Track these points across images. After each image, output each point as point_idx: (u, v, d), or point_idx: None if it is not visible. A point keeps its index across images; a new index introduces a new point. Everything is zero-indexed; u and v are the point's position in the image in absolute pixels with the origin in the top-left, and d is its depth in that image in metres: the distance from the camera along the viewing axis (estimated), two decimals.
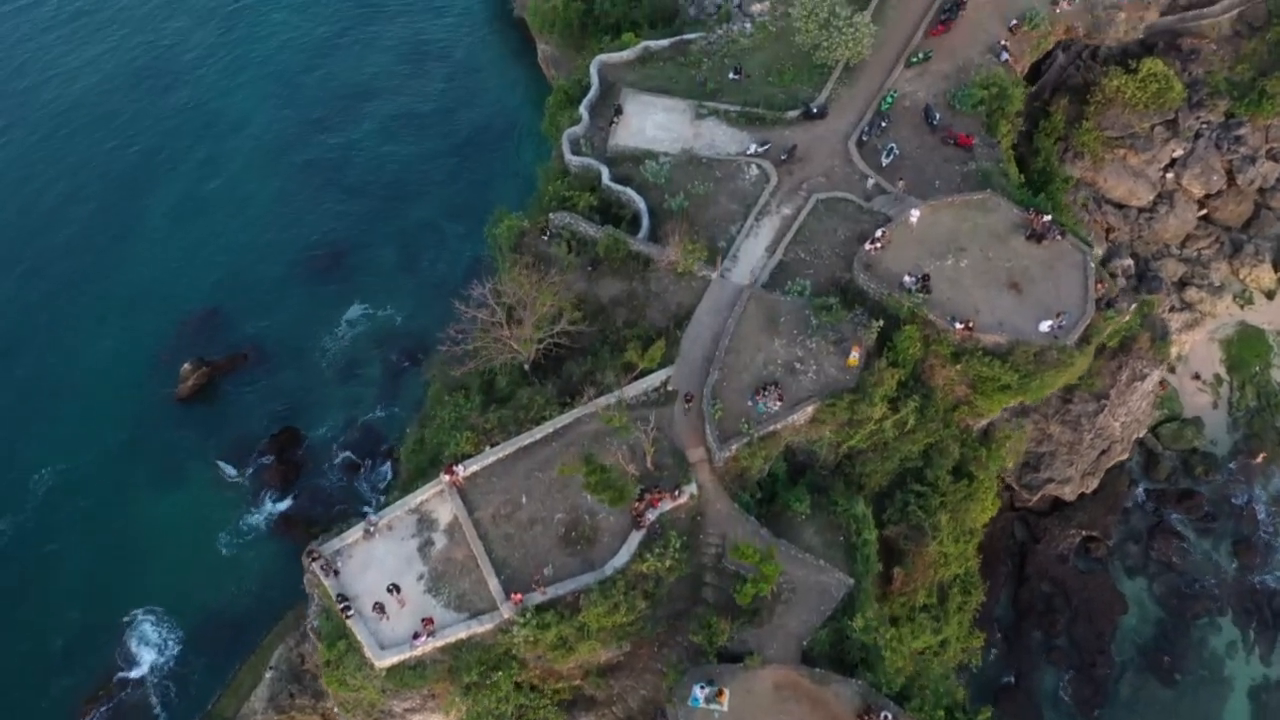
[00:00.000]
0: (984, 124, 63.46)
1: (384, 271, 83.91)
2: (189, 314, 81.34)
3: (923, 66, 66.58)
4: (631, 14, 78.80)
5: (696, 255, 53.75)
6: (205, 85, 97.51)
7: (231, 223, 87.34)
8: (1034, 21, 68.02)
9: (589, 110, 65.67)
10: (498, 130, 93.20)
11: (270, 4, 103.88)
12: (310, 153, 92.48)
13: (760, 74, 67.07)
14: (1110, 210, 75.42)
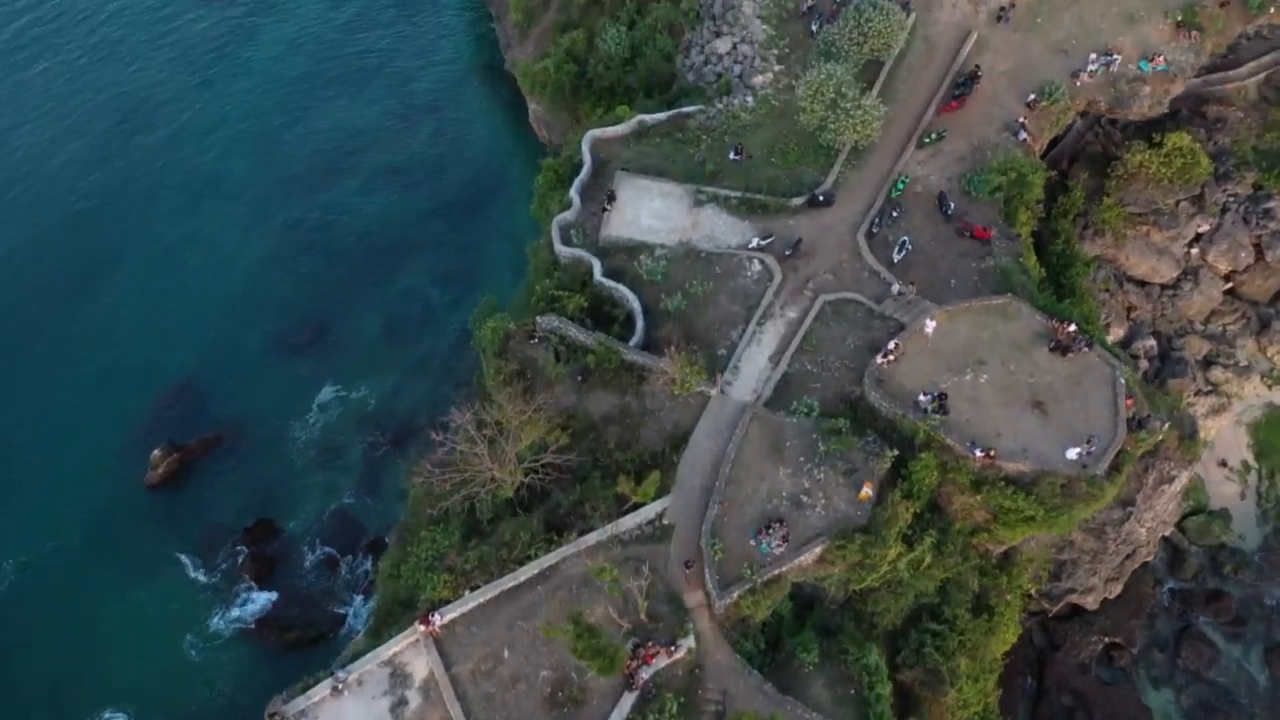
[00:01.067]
0: (1001, 212, 59.48)
1: (367, 345, 79.83)
2: (161, 391, 77.26)
3: (936, 147, 62.61)
4: (626, 79, 74.77)
5: (694, 378, 49.64)
6: (182, 139, 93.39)
7: (208, 290, 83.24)
8: (1053, 96, 64.03)
9: (580, 194, 61.66)
10: (487, 188, 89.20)
11: (251, 51, 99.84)
12: (292, 212, 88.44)
13: (762, 154, 63.06)
14: (1132, 288, 71.46)
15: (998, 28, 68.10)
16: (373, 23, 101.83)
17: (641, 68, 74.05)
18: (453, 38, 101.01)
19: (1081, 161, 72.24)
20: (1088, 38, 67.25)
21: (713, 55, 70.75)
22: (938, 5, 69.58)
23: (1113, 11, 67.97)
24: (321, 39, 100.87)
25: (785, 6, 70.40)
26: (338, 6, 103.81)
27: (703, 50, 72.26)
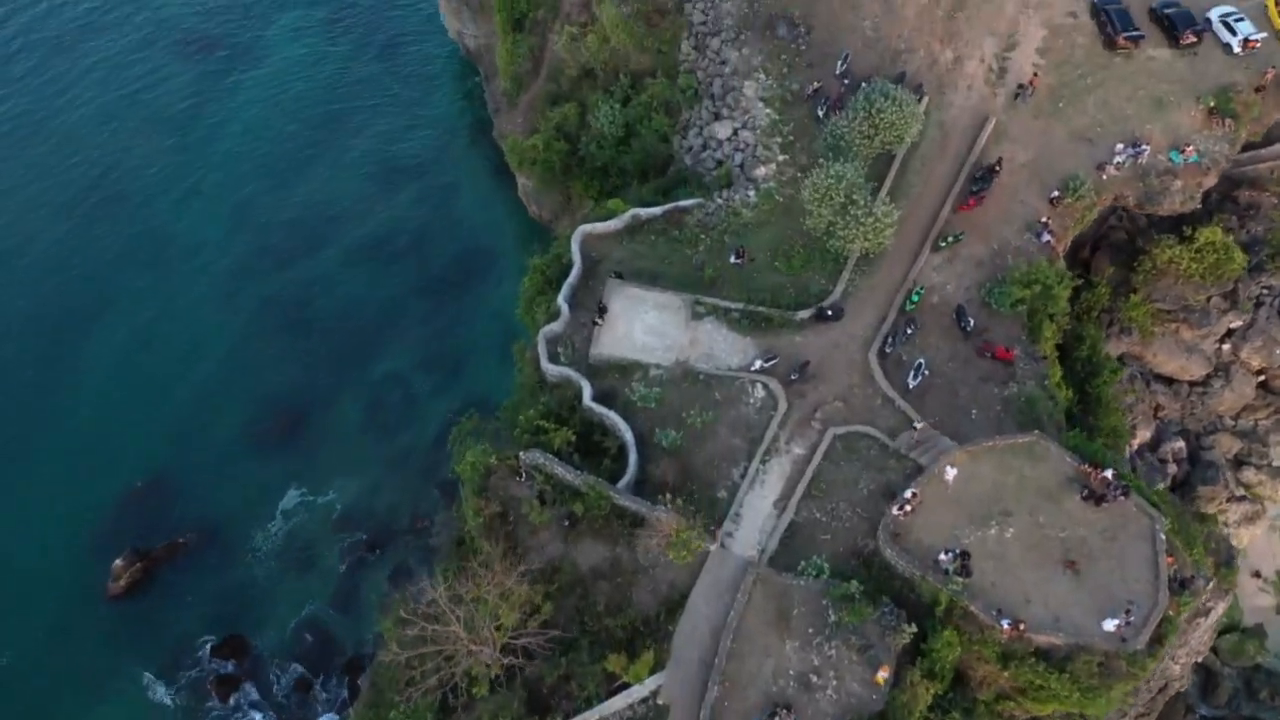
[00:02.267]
0: (1025, 327, 54.94)
1: (345, 438, 75.40)
2: (125, 490, 72.87)
3: (952, 250, 58.09)
4: (620, 160, 70.31)
5: (691, 544, 45.02)
6: (154, 206, 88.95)
7: (178, 374, 78.76)
8: (1078, 192, 59.52)
9: (569, 301, 57.12)
10: (474, 260, 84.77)
11: (228, 109, 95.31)
12: (269, 287, 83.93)
13: (765, 257, 58.51)
14: (1159, 387, 66.94)
15: (1017, 113, 63.59)
16: (356, 78, 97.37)
17: (636, 148, 69.57)
18: (439, 94, 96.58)
19: (1105, 251, 67.70)
20: (1114, 124, 62.73)
21: (712, 140, 66.21)
22: (952, 87, 65.09)
23: (1140, 95, 63.44)
24: (302, 95, 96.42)
25: (789, 88, 65.84)
26: (320, 60, 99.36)
27: (701, 133, 67.73)
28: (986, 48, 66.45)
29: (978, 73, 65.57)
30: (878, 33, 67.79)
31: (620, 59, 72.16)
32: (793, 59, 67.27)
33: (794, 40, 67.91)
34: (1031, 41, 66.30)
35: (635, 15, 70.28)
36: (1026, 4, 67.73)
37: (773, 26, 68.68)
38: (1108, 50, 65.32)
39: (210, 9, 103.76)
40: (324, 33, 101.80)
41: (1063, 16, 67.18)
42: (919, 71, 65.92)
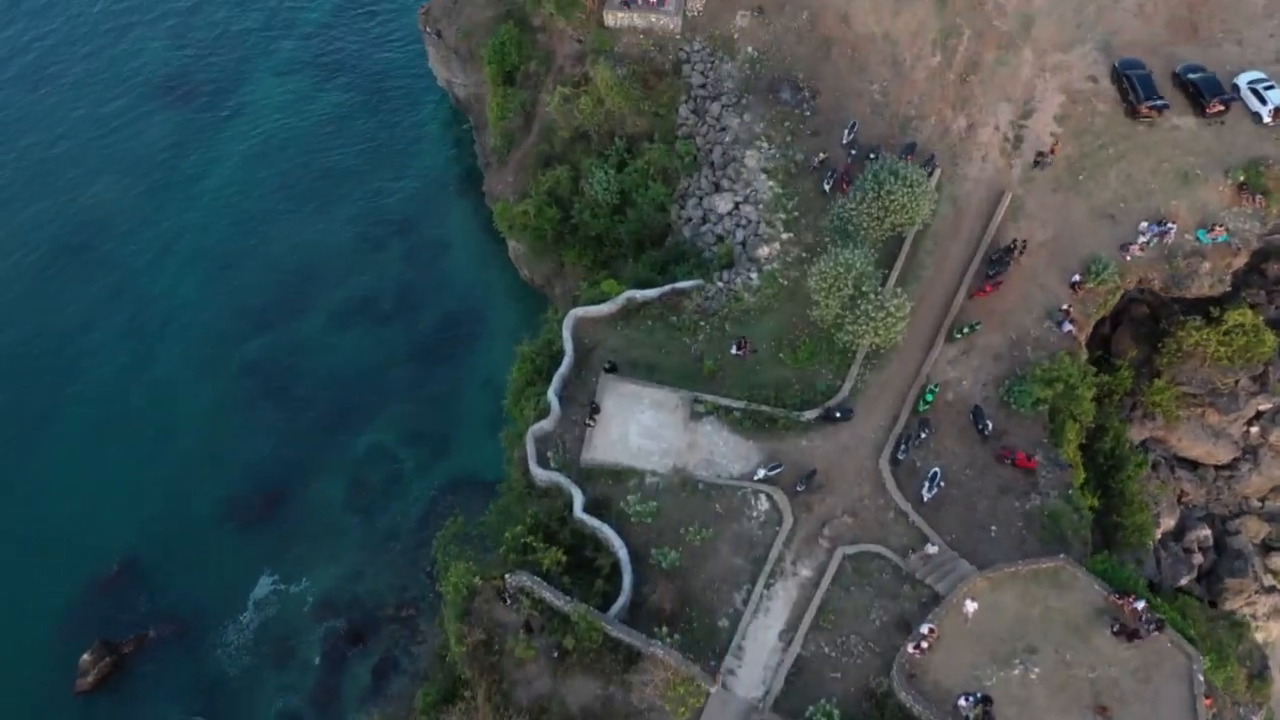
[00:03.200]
0: (1046, 428, 51.44)
1: (327, 517, 71.69)
2: (95, 575, 69.15)
3: (968, 341, 54.62)
4: (615, 230, 66.86)
5: (689, 698, 41.45)
6: (130, 263, 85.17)
7: (153, 447, 75.04)
8: (1100, 276, 56.03)
9: (559, 395, 53.62)
10: (464, 324, 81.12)
11: (209, 159, 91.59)
12: (250, 352, 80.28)
13: (769, 348, 55.00)
14: (1184, 472, 63.42)
15: (1035, 186, 60.15)
16: (342, 126, 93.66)
17: (632, 218, 66.15)
18: (428, 141, 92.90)
19: (1126, 327, 64.16)
20: (1137, 200, 59.28)
21: (712, 213, 62.75)
22: (965, 159, 61.65)
23: (1164, 168, 59.99)
24: (287, 144, 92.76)
25: (793, 158, 62.39)
26: (305, 103, 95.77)
27: (700, 203, 64.25)
28: (1001, 115, 63.07)
29: (992, 142, 62.15)
30: (886, 98, 64.43)
31: (615, 121, 68.75)
32: (796, 126, 63.82)
33: (798, 105, 64.48)
34: (1049, 108, 62.94)
35: (631, 77, 66.90)
36: (1043, 67, 64.40)
37: (775, 90, 65.25)
38: (1130, 118, 62.00)
39: (193, 47, 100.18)
40: (310, 74, 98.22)
41: (1082, 81, 63.82)
42: (930, 140, 62.52)
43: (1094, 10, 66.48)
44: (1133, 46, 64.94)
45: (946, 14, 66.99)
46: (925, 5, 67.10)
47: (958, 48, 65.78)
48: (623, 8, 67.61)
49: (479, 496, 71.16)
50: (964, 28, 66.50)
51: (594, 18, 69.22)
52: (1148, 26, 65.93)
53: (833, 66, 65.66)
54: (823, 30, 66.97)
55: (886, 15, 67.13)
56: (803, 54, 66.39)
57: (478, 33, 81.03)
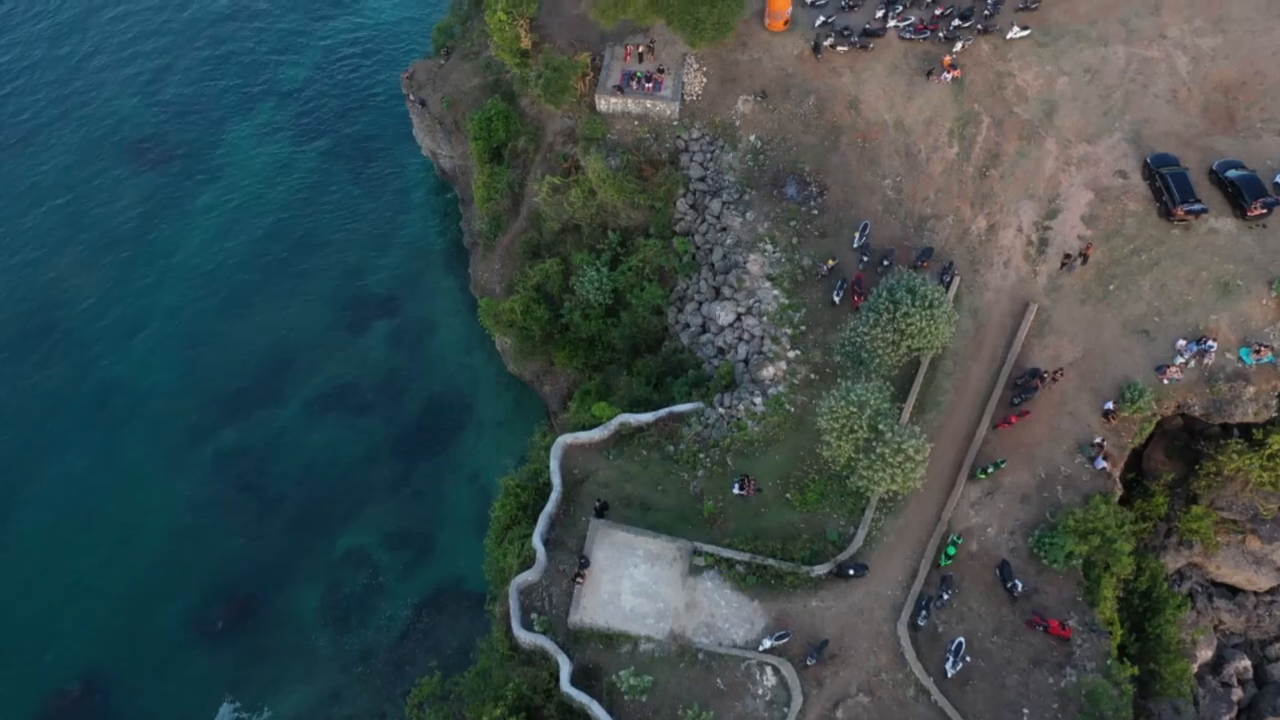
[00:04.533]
0: (1080, 585, 46.83)
1: (301, 630, 67.24)
2: (46, 699, 64.67)
3: (993, 480, 50.00)
4: (607, 334, 62.28)
5: None
6: (96, 345, 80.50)
7: (118, 549, 70.55)
8: (1135, 402, 51.31)
9: (545, 540, 48.97)
10: (450, 415, 76.49)
11: (182, 230, 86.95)
12: (222, 443, 75.66)
13: (775, 487, 50.36)
14: (1222, 602, 58.87)
15: (1062, 298, 55.54)
16: (323, 194, 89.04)
17: (626, 321, 61.63)
18: (413, 210, 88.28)
19: (1159, 442, 59.44)
20: (1173, 314, 54.62)
21: (712, 322, 58.02)
22: (986, 264, 57.01)
23: (1203, 278, 55.34)
24: (264, 213, 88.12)
25: (800, 264, 57.70)
26: (284, 169, 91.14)
27: (700, 310, 59.61)
28: (1024, 214, 58.44)
29: (1015, 245, 57.52)
30: (900, 194, 59.77)
31: (608, 213, 64.16)
32: (803, 226, 59.15)
33: (805, 202, 59.80)
34: (1076, 207, 58.33)
35: (625, 168, 62.25)
36: (1068, 161, 59.83)
37: (780, 185, 60.57)
38: (1163, 219, 57.27)
39: (168, 107, 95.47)
40: (290, 136, 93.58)
41: (1110, 176, 59.23)
42: (947, 243, 57.89)
43: (1121, 96, 61.92)
44: (1165, 138, 60.34)
45: (963, 99, 62.43)
46: (940, 90, 62.54)
47: (976, 137, 61.18)
48: (616, 93, 62.93)
49: (464, 612, 67.06)
50: (982, 115, 61.93)
51: (585, 101, 64.53)
52: (1181, 114, 61.35)
53: (841, 158, 60.99)
54: (830, 117, 62.35)
55: (899, 100, 62.52)
56: (809, 143, 61.73)
57: (463, 103, 76.44)
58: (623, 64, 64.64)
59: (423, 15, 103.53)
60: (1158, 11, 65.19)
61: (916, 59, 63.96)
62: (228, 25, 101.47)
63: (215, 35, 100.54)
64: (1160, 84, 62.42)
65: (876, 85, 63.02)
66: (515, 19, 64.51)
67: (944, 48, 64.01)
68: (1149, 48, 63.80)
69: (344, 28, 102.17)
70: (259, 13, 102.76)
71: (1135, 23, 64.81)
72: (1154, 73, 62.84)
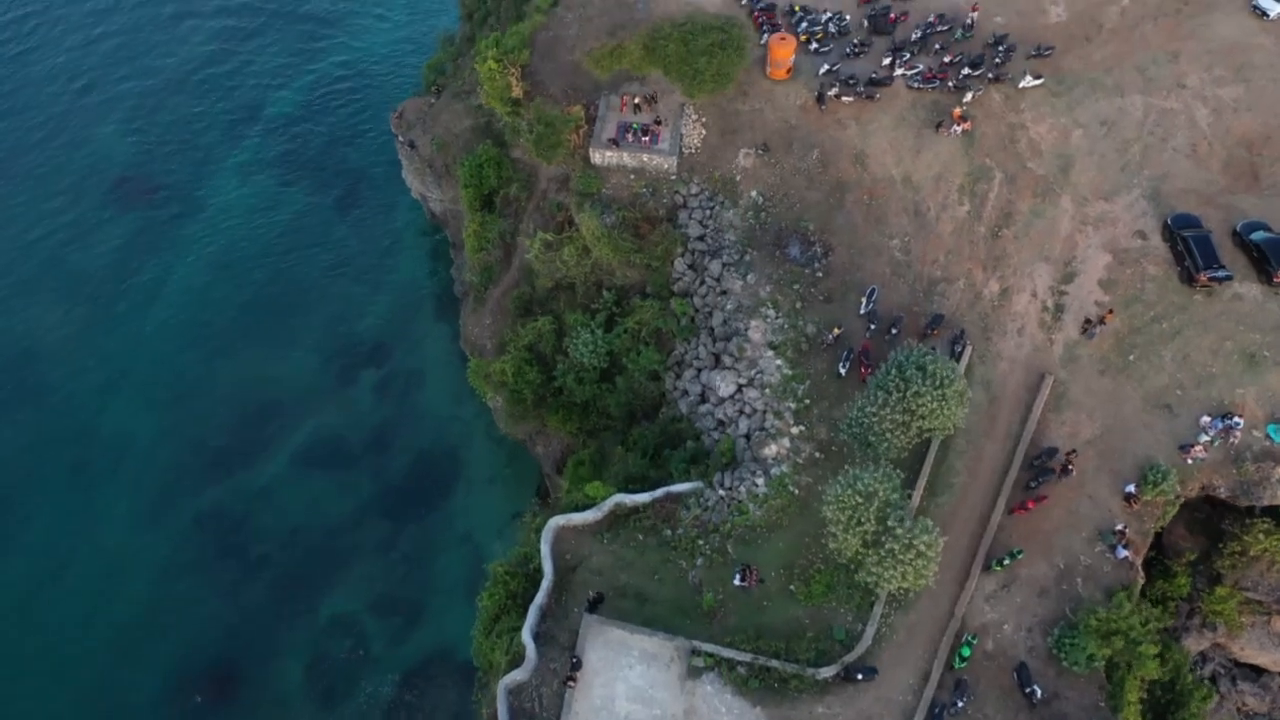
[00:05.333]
0: (1103, 689, 44.17)
1: (284, 705, 64.55)
2: None
3: (1009, 572, 47.26)
4: (601, 399, 59.62)
5: None
6: (77, 395, 78.08)
7: (94, 614, 68.24)
8: (1158, 485, 48.60)
9: (535, 633, 46.24)
10: (440, 472, 74.04)
11: (168, 274, 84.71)
12: (204, 501, 73.16)
13: (778, 578, 47.69)
14: (1245, 685, 56.21)
15: (1080, 368, 52.84)
16: (312, 235, 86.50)
17: (622, 387, 58.92)
18: (403, 252, 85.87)
19: (1180, 516, 56.54)
20: (1196, 387, 51.91)
21: (712, 392, 55.28)
22: (999, 332, 54.29)
23: (1227, 348, 52.63)
24: (249, 253, 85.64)
25: (804, 331, 54.95)
26: (271, 207, 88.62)
27: (699, 377, 56.91)
28: (1039, 278, 55.75)
29: (1029, 312, 54.81)
30: (908, 255, 57.07)
31: (603, 271, 61.46)
32: (807, 290, 56.43)
33: (809, 264, 57.10)
34: (1093, 271, 55.65)
35: (620, 225, 59.55)
36: (1084, 220, 57.15)
37: (783, 245, 57.87)
38: (1185, 284, 54.56)
39: (150, 137, 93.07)
40: (277, 173, 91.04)
41: (1129, 238, 56.54)
42: (959, 309, 55.18)
43: (1139, 150, 59.24)
44: (1185, 196, 57.66)
45: (974, 153, 59.73)
46: (950, 143, 59.86)
47: (988, 194, 58.49)
48: (611, 146, 60.23)
49: (453, 684, 64.50)
50: (994, 170, 59.23)
51: (579, 154, 61.82)
52: (1202, 170, 58.64)
53: (847, 216, 58.29)
54: (835, 172, 59.64)
55: (906, 154, 59.82)
56: (813, 200, 59.03)
57: (454, 145, 73.78)
58: (619, 114, 61.92)
59: (416, 38, 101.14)
60: (1176, 59, 62.47)
61: (925, 110, 61.24)
62: (214, 55, 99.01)
63: (201, 65, 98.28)
64: (1179, 137, 59.72)
65: (883, 138, 60.31)
66: (506, 67, 61.79)
67: (954, 98, 61.31)
68: (1167, 98, 61.09)
69: (334, 58, 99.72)
70: (246, 43, 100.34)
71: (1153, 70, 62.10)
72: (1173, 125, 60.14)
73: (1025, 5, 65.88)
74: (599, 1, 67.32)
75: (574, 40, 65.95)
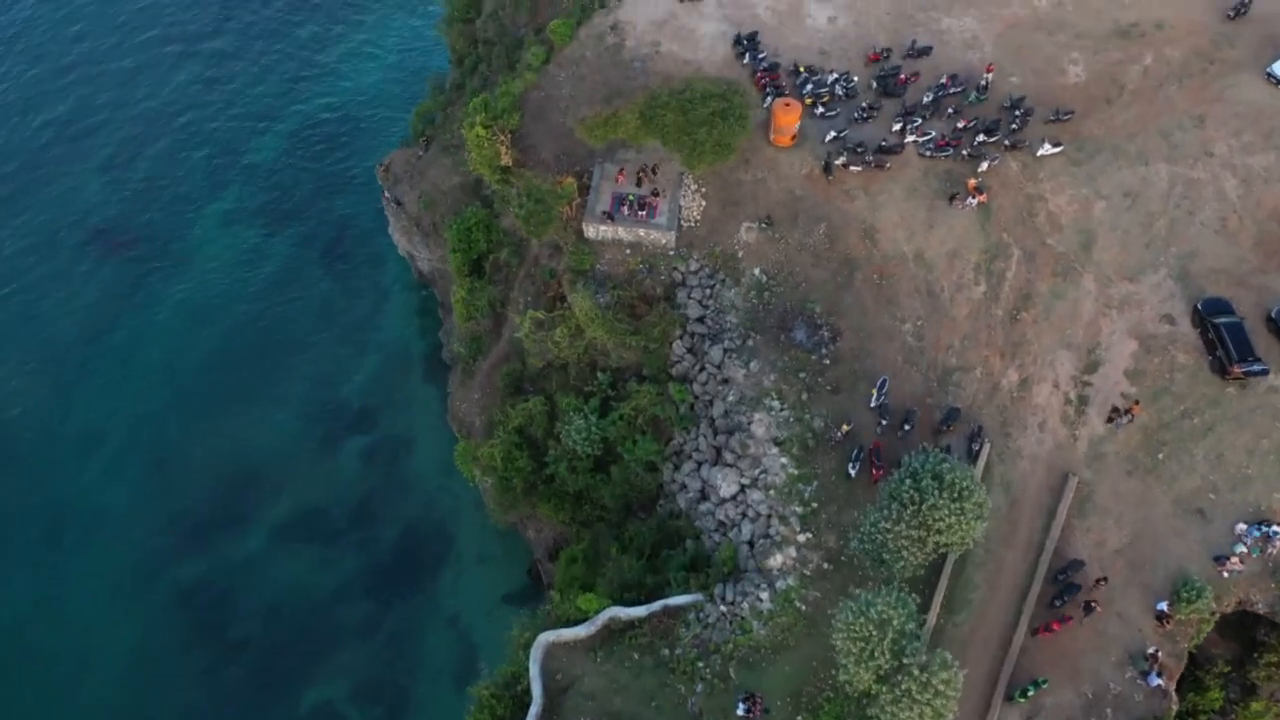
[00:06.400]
0: None
1: None
2: None
3: (1033, 703, 43.97)
4: (594, 490, 56.33)
5: None
6: (49, 461, 74.71)
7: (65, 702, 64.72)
8: (1192, 603, 45.32)
9: None
10: (429, 548, 70.78)
11: (145, 330, 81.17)
12: (183, 576, 69.94)
13: (784, 708, 44.52)
14: None
15: (1105, 468, 49.62)
16: (295, 287, 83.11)
17: (617, 478, 55.66)
18: (391, 310, 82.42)
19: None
20: (1231, 490, 48.65)
21: (712, 490, 51.96)
22: (1019, 427, 51.01)
23: (1264, 447, 49.38)
24: (232, 309, 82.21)
25: (810, 425, 51.58)
26: (254, 260, 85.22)
27: (699, 472, 53.62)
28: (1061, 367, 52.43)
29: (1051, 404, 51.48)
30: (921, 341, 53.72)
31: (597, 351, 58.13)
32: (814, 378, 53.05)
33: (815, 349, 53.75)
34: (1118, 359, 52.34)
35: (615, 305, 56.19)
36: (1108, 303, 53.85)
37: (788, 328, 54.51)
38: (1217, 375, 51.22)
39: (130, 189, 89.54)
40: (260, 222, 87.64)
41: (1156, 322, 53.22)
42: (975, 401, 51.85)
43: (1165, 225, 55.93)
44: (1215, 276, 54.34)
45: (990, 228, 56.42)
46: (965, 217, 56.55)
47: (1005, 273, 55.15)
48: (605, 220, 56.90)
49: None
50: (1012, 246, 55.92)
51: (572, 226, 58.46)
52: (1232, 247, 55.31)
53: (856, 297, 54.94)
54: (843, 248, 56.30)
55: (919, 229, 56.50)
56: (820, 279, 55.68)
57: (442, 203, 70.62)
58: (614, 184, 58.56)
59: (406, 77, 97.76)
60: (1202, 124, 59.13)
61: (938, 179, 57.92)
62: (197, 97, 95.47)
63: (182, 105, 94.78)
64: (1207, 210, 56.37)
65: (894, 211, 56.96)
66: (495, 133, 58.42)
67: (968, 166, 57.99)
68: (1194, 167, 57.75)
69: (320, 99, 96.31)
70: (228, 82, 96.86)
71: (1178, 137, 58.74)
72: (1200, 197, 56.81)
73: (1042, 64, 62.55)
74: (593, 59, 64.07)
75: (567, 101, 62.66)
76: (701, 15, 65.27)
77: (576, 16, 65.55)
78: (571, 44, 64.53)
